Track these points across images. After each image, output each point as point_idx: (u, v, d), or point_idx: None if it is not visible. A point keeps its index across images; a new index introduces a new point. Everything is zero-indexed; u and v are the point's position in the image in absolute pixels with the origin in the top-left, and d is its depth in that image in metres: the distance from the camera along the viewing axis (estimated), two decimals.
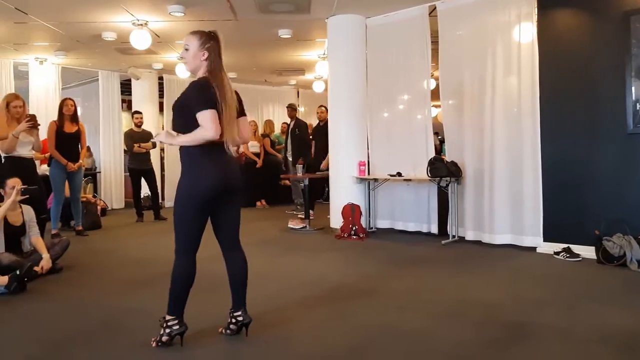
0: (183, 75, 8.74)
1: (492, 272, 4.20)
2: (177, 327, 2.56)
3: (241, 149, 9.46)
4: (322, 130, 7.26)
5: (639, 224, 4.29)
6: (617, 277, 3.92)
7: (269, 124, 10.15)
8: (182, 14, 5.98)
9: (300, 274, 4.21)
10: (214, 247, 2.81)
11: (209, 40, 2.57)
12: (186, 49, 2.57)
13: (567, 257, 4.55)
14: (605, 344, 2.55)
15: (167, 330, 2.56)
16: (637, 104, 4.38)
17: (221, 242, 2.76)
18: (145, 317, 3.08)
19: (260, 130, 10.26)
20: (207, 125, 2.37)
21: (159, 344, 2.56)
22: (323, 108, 7.32)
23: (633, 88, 4.39)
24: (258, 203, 9.28)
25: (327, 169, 6.73)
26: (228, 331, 2.72)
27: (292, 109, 8.50)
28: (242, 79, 10.52)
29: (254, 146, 9.41)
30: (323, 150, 7.12)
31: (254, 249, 5.24)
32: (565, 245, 4.65)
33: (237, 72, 9.96)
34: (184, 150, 2.50)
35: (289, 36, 7.07)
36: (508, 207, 5.12)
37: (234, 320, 2.71)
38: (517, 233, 5.07)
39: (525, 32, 5.00)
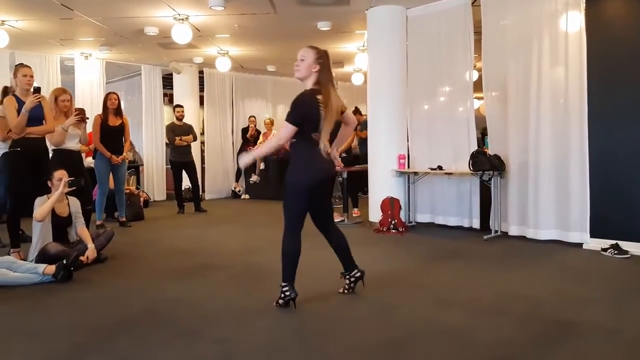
0: (223, 69, 8.86)
1: (536, 268, 4.09)
2: (288, 292, 3.01)
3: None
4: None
5: None
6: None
7: None
8: (223, 8, 6.06)
9: (340, 268, 4.19)
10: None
11: (322, 57, 3.01)
12: (302, 60, 3.00)
13: (615, 254, 4.37)
14: (609, 340, 2.45)
15: (282, 295, 3.03)
16: None
17: (320, 224, 3.29)
18: (187, 307, 3.16)
19: None
20: (282, 135, 2.97)
21: (279, 305, 3.04)
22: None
23: None
24: None
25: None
26: (349, 289, 3.35)
27: None
28: (282, 72, 10.58)
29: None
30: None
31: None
32: (614, 242, 4.47)
33: (277, 65, 10.04)
34: (293, 149, 3.03)
35: (328, 28, 7.04)
36: (553, 201, 4.96)
37: (352, 279, 3.33)
38: (563, 228, 4.92)
39: (573, 21, 4.81)
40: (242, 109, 10.62)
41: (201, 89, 10.15)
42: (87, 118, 5.39)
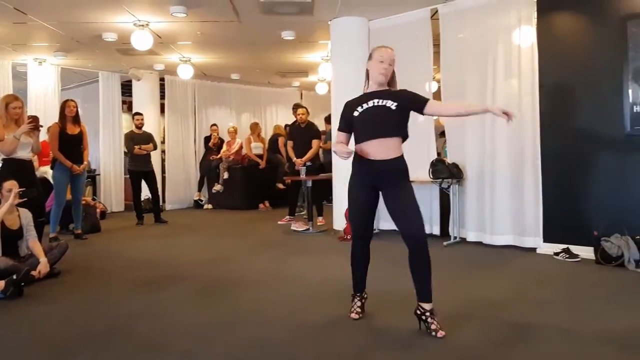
0: (185, 76, 8.76)
1: (494, 273, 4.23)
2: (352, 301, 3.05)
3: (243, 151, 9.51)
4: (303, 131, 7.17)
5: (636, 224, 4.32)
6: (616, 277, 3.95)
7: (279, 127, 10.19)
8: (185, 15, 6.00)
9: (304, 276, 4.22)
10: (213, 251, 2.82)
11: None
12: (391, 65, 2.94)
13: (566, 258, 4.58)
14: (608, 343, 2.57)
15: (351, 306, 3.04)
16: (635, 107, 4.41)
17: None
18: (148, 321, 3.10)
19: (271, 132, 10.29)
20: None
21: (352, 315, 3.01)
22: (304, 109, 7.25)
23: (630, 91, 4.43)
24: (261, 205, 9.29)
25: (305, 165, 6.72)
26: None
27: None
28: (246, 81, 10.57)
29: (257, 147, 9.44)
30: (302, 150, 7.07)
31: (257, 252, 5.29)
32: (565, 246, 4.68)
33: (240, 74, 10.01)
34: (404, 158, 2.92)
35: (292, 38, 7.09)
36: (509, 208, 5.15)
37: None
38: (518, 234, 5.10)
39: (526, 36, 5.03)
40: (204, 117, 10.49)
41: (162, 97, 9.99)
42: (41, 126, 5.20)
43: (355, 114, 2.91)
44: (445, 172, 5.36)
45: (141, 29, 6.48)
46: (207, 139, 10.01)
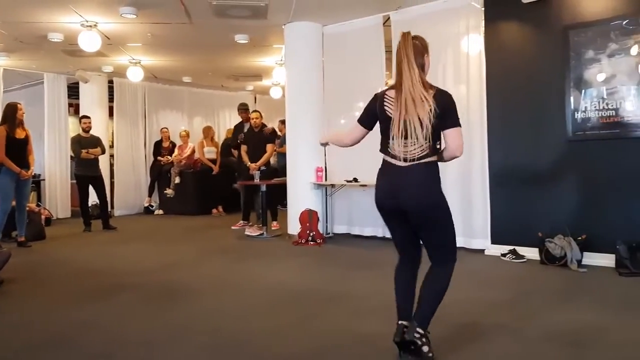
0: (135, 79, 8.53)
1: None
2: (395, 331, 2.45)
3: (196, 155, 9.36)
4: (257, 135, 7.11)
5: (578, 226, 4.54)
6: (559, 276, 4.13)
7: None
8: (135, 16, 5.87)
9: (257, 281, 4.19)
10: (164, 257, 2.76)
11: (428, 46, 2.58)
12: (426, 54, 2.54)
13: (513, 259, 4.76)
14: (552, 341, 2.68)
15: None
16: (576, 113, 4.64)
17: None
18: (97, 330, 3.00)
19: (224, 136, 10.15)
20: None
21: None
22: (257, 114, 7.21)
23: (572, 98, 4.66)
24: (214, 210, 9.16)
25: (260, 169, 6.70)
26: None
27: (245, 111, 8.04)
28: (198, 84, 10.41)
29: (210, 152, 9.31)
30: (256, 155, 7.04)
31: (209, 258, 5.21)
32: (512, 247, 4.86)
33: (193, 77, 9.85)
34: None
35: (246, 41, 7.05)
36: (458, 211, 5.27)
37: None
38: (467, 236, 5.26)
39: (474, 44, 5.20)
40: (155, 121, 10.26)
41: (111, 100, 9.70)
42: None
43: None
44: None
45: (89, 29, 6.28)
46: (158, 143, 9.79)
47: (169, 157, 9.48)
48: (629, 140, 4.40)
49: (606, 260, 4.36)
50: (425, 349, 2.36)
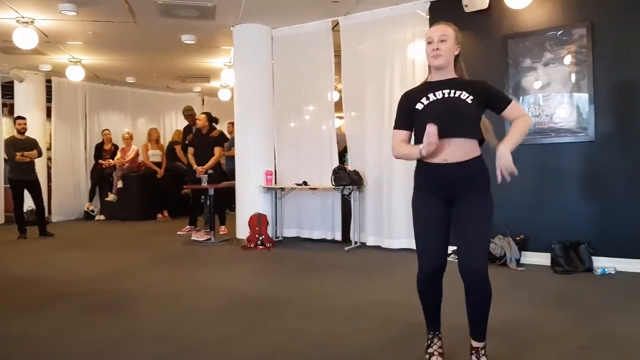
0: (75, 78, 8.20)
1: (391, 276, 4.42)
2: (431, 342, 2.45)
3: (140, 158, 9.09)
4: (204, 138, 7.00)
5: (516, 226, 4.75)
6: (499, 275, 4.29)
7: (180, 133, 9.78)
8: (75, 13, 5.64)
9: (205, 288, 4.11)
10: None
11: (460, 36, 2.34)
12: (443, 40, 2.26)
13: (455, 258, 4.89)
14: (491, 337, 2.77)
15: (429, 346, 2.45)
16: None
17: None
18: (33, 343, 2.83)
19: (169, 138, 9.90)
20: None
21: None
22: (204, 116, 7.09)
23: None
24: (159, 215, 8.92)
25: (206, 173, 6.61)
26: None
27: (191, 115, 7.92)
28: (142, 84, 10.11)
29: (155, 155, 9.06)
30: (204, 158, 6.93)
31: (154, 265, 5.06)
32: (455, 247, 5.00)
33: (136, 77, 9.57)
34: (484, 161, 2.25)
35: (193, 42, 6.92)
36: (404, 213, 5.42)
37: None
38: (413, 237, 5.36)
39: (419, 50, 5.35)
40: (96, 123, 9.88)
41: (49, 100, 9.26)
42: None
43: (419, 106, 2.27)
44: (347, 179, 5.54)
45: (25, 26, 5.98)
46: (99, 146, 9.44)
47: (110, 160, 9.16)
48: (562, 145, 4.65)
49: (542, 259, 4.58)
50: None
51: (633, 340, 2.69)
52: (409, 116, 2.32)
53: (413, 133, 2.35)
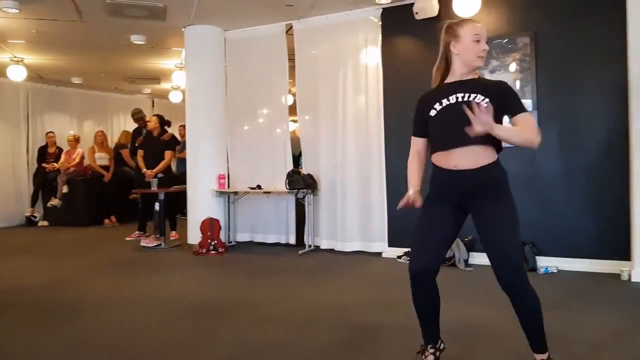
0: (16, 78, 7.83)
1: (344, 278, 4.45)
2: (423, 355, 2.32)
3: (86, 162, 8.77)
4: (155, 141, 6.84)
5: (465, 227, 4.82)
6: (448, 275, 4.37)
7: (127, 134, 9.45)
8: (17, 11, 5.39)
9: (155, 295, 3.99)
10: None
11: None
12: (487, 42, 2.21)
13: (407, 260, 4.99)
14: (442, 336, 2.83)
15: None
16: None
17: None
18: None
19: (116, 141, 9.57)
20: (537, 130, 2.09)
21: None
22: (154, 118, 6.92)
23: None
24: (106, 220, 8.62)
25: (156, 176, 6.47)
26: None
27: (140, 118, 7.71)
28: (89, 86, 9.77)
29: (102, 158, 8.75)
30: (154, 161, 6.73)
31: (101, 272, 4.87)
32: (407, 249, 5.11)
33: (83, 78, 9.24)
34: (500, 166, 2.16)
35: (143, 42, 6.74)
36: (357, 216, 5.48)
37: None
38: (366, 240, 5.46)
39: (372, 55, 5.44)
40: (40, 125, 9.43)
41: None
42: None
43: (432, 113, 2.19)
44: (301, 182, 5.54)
45: None
46: (43, 149, 9.03)
47: (54, 163, 8.78)
48: (507, 148, 4.77)
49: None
50: None
51: (571, 336, 2.80)
52: (425, 123, 2.26)
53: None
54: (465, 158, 2.08)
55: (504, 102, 2.10)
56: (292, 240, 6.01)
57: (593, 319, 3.10)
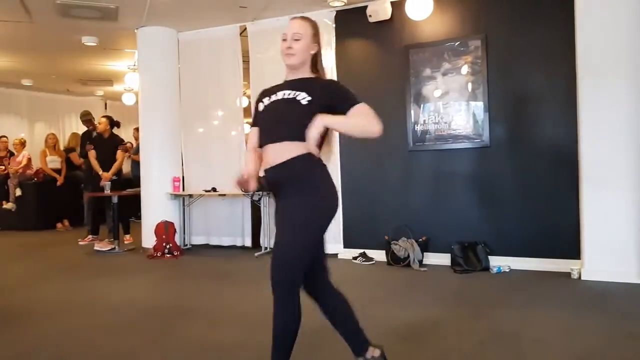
0: None
1: None
2: None
3: (38, 165, 8.51)
4: (106, 142, 6.71)
5: (419, 229, 4.97)
6: (403, 276, 4.48)
7: (76, 137, 9.18)
8: None
9: (107, 300, 3.90)
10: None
11: (318, 31, 2.24)
12: (297, 39, 2.13)
13: (363, 261, 5.06)
14: (392, 336, 2.88)
15: None
16: (416, 125, 5.08)
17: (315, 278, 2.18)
18: None
19: (65, 144, 9.31)
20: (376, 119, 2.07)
21: None
22: (105, 119, 6.80)
23: (412, 111, 5.09)
24: (59, 224, 8.38)
25: (111, 180, 6.37)
26: None
27: (89, 120, 7.49)
28: (40, 87, 9.48)
29: (54, 161, 8.50)
30: (107, 163, 6.59)
31: (51, 277, 4.74)
32: (362, 251, 5.17)
33: (33, 80, 8.96)
34: (314, 158, 2.06)
35: (95, 44, 6.58)
36: None
37: None
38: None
39: (326, 58, 5.43)
40: None
41: None
42: None
43: (260, 106, 2.18)
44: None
45: None
46: None
47: (2, 167, 8.53)
48: (459, 150, 4.92)
49: (443, 259, 4.81)
50: None
51: (522, 334, 2.88)
52: (256, 115, 2.24)
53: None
54: (276, 153, 2.04)
55: (335, 100, 2.10)
56: (248, 242, 5.97)
57: (543, 317, 3.17)
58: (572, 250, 4.32)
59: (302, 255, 1.95)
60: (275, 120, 2.09)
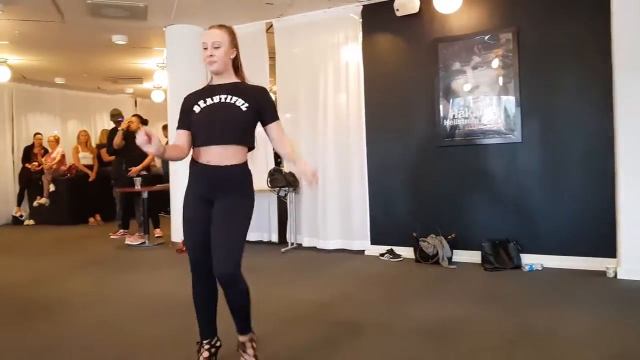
0: (1, 79, 7.74)
1: (325, 276, 4.44)
2: (198, 352, 2.45)
3: (71, 161, 8.74)
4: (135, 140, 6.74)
5: (448, 225, 4.89)
6: (432, 273, 4.42)
7: (106, 133, 9.39)
8: (0, 12, 5.33)
9: (138, 292, 3.99)
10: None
11: (235, 37, 2.43)
12: (217, 47, 2.33)
13: (390, 258, 5.02)
14: (421, 334, 2.85)
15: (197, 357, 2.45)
16: (444, 120, 5.00)
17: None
18: None
19: (97, 141, 9.55)
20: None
21: None
22: (134, 118, 6.90)
23: (441, 106, 5.01)
24: (91, 219, 8.59)
25: (140, 175, 6.46)
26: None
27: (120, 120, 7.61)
28: (72, 86, 9.71)
29: (86, 157, 8.72)
30: (136, 160, 6.72)
31: (84, 270, 4.86)
32: (389, 247, 5.12)
33: (66, 78, 9.18)
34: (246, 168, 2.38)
35: (124, 42, 6.69)
36: (339, 214, 5.47)
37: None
38: (347, 238, 5.45)
39: (352, 53, 5.42)
40: (24, 125, 9.42)
41: None
42: None
43: (196, 109, 2.33)
44: (283, 181, 5.53)
45: None
46: (28, 149, 9.03)
47: (35, 163, 8.80)
48: (491, 145, 4.82)
49: (473, 257, 4.72)
50: None
51: (554, 334, 2.81)
52: (189, 117, 2.36)
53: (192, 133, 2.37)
54: (221, 155, 2.27)
55: (263, 108, 2.37)
56: (275, 238, 6.00)
57: (577, 317, 3.09)
58: (608, 249, 4.18)
59: (244, 246, 2.30)
60: (218, 122, 2.28)
